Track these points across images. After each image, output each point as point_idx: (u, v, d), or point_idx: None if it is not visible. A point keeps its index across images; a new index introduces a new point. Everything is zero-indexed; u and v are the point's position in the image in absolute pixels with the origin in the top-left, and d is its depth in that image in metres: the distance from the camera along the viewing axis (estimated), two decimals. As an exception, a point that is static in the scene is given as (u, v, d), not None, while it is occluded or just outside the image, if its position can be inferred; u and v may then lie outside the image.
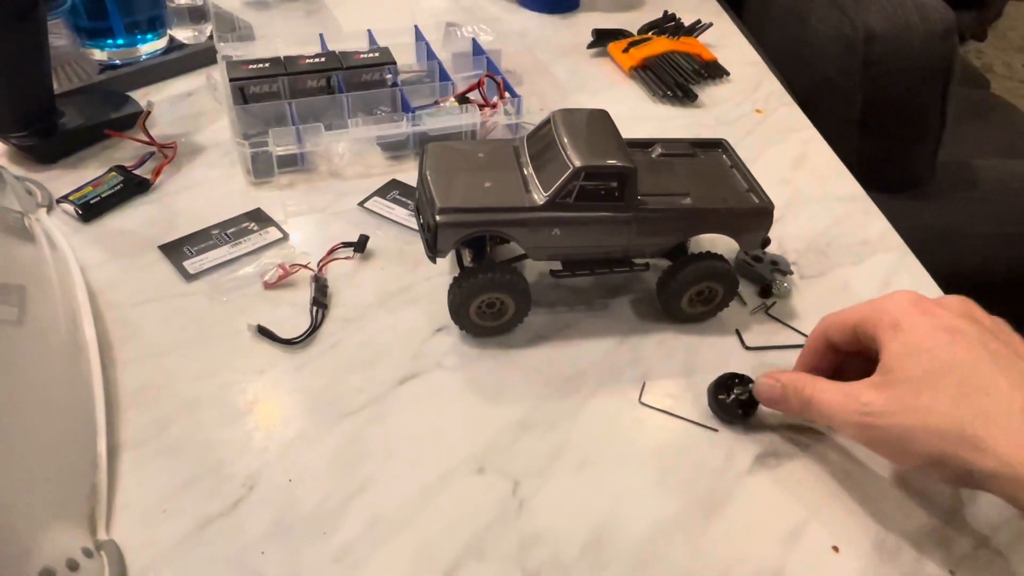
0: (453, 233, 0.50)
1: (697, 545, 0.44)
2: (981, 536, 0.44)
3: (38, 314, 0.49)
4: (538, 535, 0.44)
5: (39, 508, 0.40)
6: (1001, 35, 2.90)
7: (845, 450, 0.49)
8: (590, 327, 0.56)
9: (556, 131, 0.52)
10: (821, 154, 0.77)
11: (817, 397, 0.44)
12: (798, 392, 0.45)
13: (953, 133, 1.12)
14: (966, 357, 0.40)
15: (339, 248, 0.61)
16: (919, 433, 0.40)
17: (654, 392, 0.52)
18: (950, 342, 0.41)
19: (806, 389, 0.45)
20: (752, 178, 0.56)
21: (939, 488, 0.47)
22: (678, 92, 0.82)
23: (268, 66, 0.71)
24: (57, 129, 0.69)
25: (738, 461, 0.48)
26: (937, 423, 0.39)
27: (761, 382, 0.48)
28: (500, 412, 0.50)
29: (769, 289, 0.59)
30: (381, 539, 0.43)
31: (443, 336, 0.55)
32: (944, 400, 0.40)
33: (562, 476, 0.47)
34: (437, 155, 0.54)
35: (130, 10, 0.78)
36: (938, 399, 0.40)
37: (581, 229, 0.51)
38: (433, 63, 0.79)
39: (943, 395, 0.40)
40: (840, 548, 0.44)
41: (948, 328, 0.41)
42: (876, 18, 0.99)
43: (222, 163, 0.70)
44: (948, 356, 0.41)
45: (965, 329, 0.41)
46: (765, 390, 0.48)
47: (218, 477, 0.45)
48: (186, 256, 0.59)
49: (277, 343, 0.53)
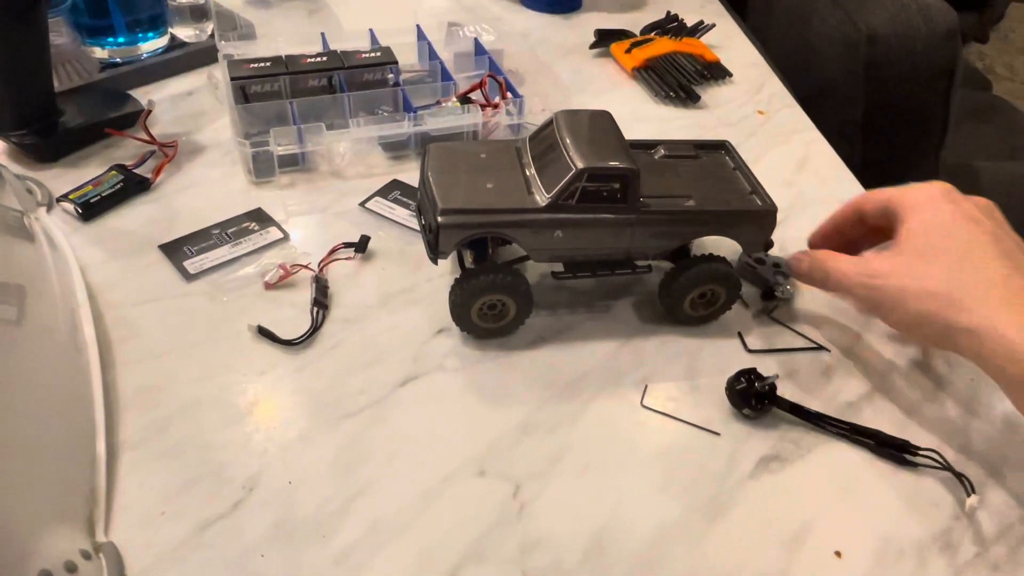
0: (455, 234, 0.50)
1: (699, 550, 0.43)
2: (984, 542, 0.44)
3: (37, 314, 0.49)
4: (539, 539, 0.43)
5: (37, 510, 0.39)
6: (1003, 37, 2.90)
7: (848, 454, 0.48)
8: (592, 329, 0.56)
9: (559, 132, 0.51)
10: (823, 156, 0.76)
11: (833, 266, 0.50)
12: (820, 263, 0.51)
13: (955, 135, 1.12)
14: (972, 240, 0.45)
15: (340, 248, 0.60)
16: (913, 293, 0.46)
17: (656, 395, 0.51)
18: (962, 227, 0.46)
19: (827, 262, 0.51)
20: (755, 180, 0.56)
21: (942, 494, 0.46)
22: (680, 93, 0.82)
23: (269, 65, 0.71)
24: (57, 127, 0.68)
25: (741, 465, 0.47)
26: (930, 286, 0.45)
27: (792, 256, 0.54)
28: (501, 415, 0.50)
29: (771, 292, 0.58)
30: (382, 542, 0.43)
31: (444, 338, 0.54)
32: (942, 269, 0.45)
33: (563, 479, 0.46)
34: (439, 156, 0.54)
35: (131, 8, 0.78)
36: (937, 267, 0.45)
37: (583, 231, 0.51)
38: (435, 63, 0.78)
39: (942, 265, 0.45)
40: (843, 553, 0.43)
41: (965, 215, 0.46)
42: (879, 20, 0.99)
43: (223, 162, 0.69)
44: (956, 236, 0.46)
45: (981, 219, 0.46)
46: (795, 264, 0.54)
47: (218, 479, 0.45)
48: (186, 256, 0.59)
49: (278, 344, 0.53)
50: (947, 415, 0.51)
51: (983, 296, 0.43)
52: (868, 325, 0.57)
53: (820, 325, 0.57)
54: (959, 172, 1.20)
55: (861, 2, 1.03)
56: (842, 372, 0.53)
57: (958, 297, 0.44)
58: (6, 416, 0.41)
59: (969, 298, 0.44)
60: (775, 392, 0.49)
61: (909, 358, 0.55)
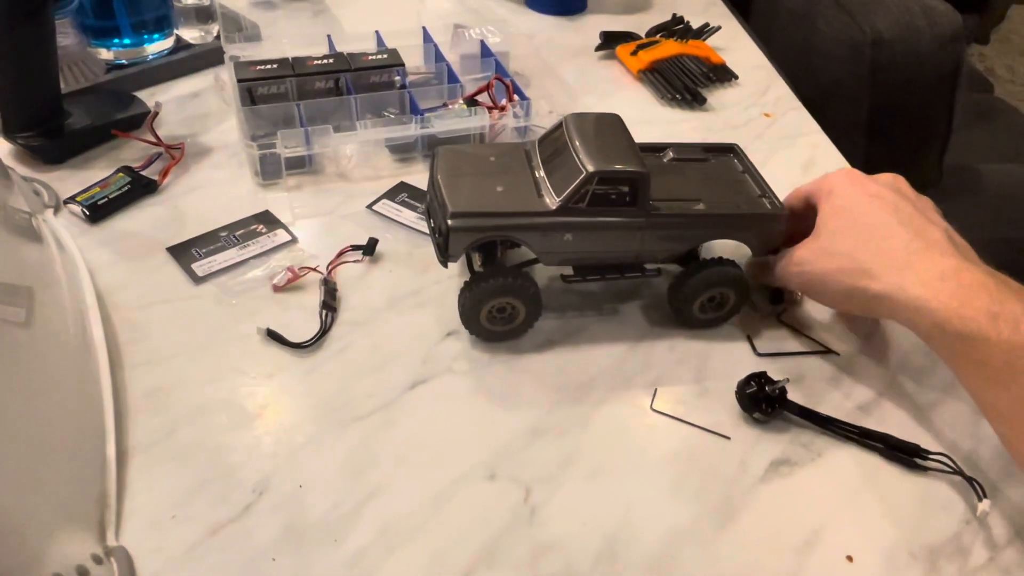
0: (465, 238, 0.50)
1: (711, 554, 0.43)
2: (995, 547, 0.44)
3: (46, 316, 0.49)
4: (550, 543, 0.43)
5: (48, 513, 0.39)
6: (1004, 38, 2.90)
7: (859, 458, 0.48)
8: (601, 333, 0.56)
9: (568, 135, 0.51)
10: (830, 158, 0.76)
11: (772, 266, 0.54)
12: (759, 265, 0.56)
13: (958, 137, 1.12)
14: (878, 215, 0.49)
15: (348, 251, 0.60)
16: (831, 272, 0.50)
17: (666, 398, 0.51)
18: (868, 204, 0.50)
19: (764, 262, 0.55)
20: (764, 183, 0.56)
21: (953, 498, 0.46)
22: (687, 95, 0.82)
23: (276, 67, 0.71)
24: (64, 129, 0.68)
25: (751, 469, 0.47)
26: (843, 263, 0.49)
27: (747, 263, 0.57)
28: (511, 418, 0.50)
29: (780, 295, 0.58)
30: (393, 546, 0.43)
31: (453, 340, 0.54)
32: (850, 246, 0.49)
33: (574, 483, 0.46)
34: (448, 159, 0.54)
35: (137, 10, 0.78)
36: (846, 245, 0.49)
37: (593, 234, 0.51)
38: (441, 65, 0.78)
39: (850, 243, 0.49)
40: (854, 558, 0.43)
41: (871, 194, 0.51)
42: (884, 22, 0.99)
43: (230, 164, 0.69)
44: (863, 214, 0.50)
45: (885, 195, 0.50)
46: (750, 267, 0.57)
47: (228, 482, 0.45)
48: (194, 258, 0.59)
49: (286, 347, 0.53)
50: (957, 419, 0.51)
51: (888, 263, 0.47)
52: (877, 328, 0.57)
53: (829, 328, 0.57)
54: (962, 174, 1.20)
55: (865, 5, 1.03)
56: (851, 376, 0.53)
57: (867, 268, 0.48)
58: (16, 418, 0.41)
59: (877, 267, 0.47)
60: (785, 396, 0.49)
61: (918, 361, 0.55)
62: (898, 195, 0.51)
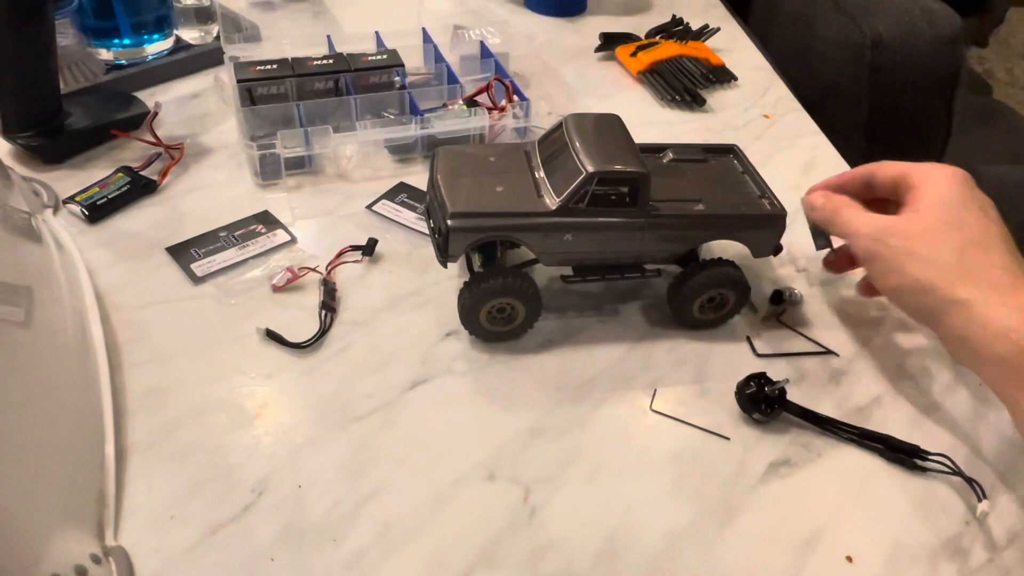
0: (465, 238, 0.50)
1: (711, 554, 0.43)
2: (995, 548, 0.44)
3: (45, 316, 0.49)
4: (550, 543, 0.43)
5: (47, 513, 0.39)
6: (1003, 41, 2.90)
7: (859, 459, 0.48)
8: (600, 333, 0.56)
9: (568, 136, 0.51)
10: (829, 159, 0.76)
11: (845, 212, 0.52)
12: (834, 204, 0.53)
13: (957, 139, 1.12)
14: (982, 226, 0.47)
15: (347, 251, 0.60)
16: (919, 257, 0.47)
17: (665, 399, 0.51)
18: (976, 212, 0.48)
19: (842, 206, 0.52)
20: (764, 184, 0.56)
21: (953, 499, 0.46)
22: (686, 96, 0.82)
23: (276, 67, 0.71)
24: (64, 129, 0.68)
25: (751, 469, 0.47)
26: (937, 255, 0.47)
27: (810, 192, 0.55)
28: (510, 418, 0.50)
29: (780, 296, 0.58)
30: (392, 546, 0.43)
31: (452, 341, 0.54)
32: (952, 243, 0.47)
33: (574, 484, 0.46)
34: (448, 159, 0.54)
35: (137, 10, 0.78)
36: (948, 240, 0.47)
37: (593, 235, 0.51)
38: (441, 66, 0.78)
39: (954, 240, 0.47)
40: (854, 558, 0.43)
41: (979, 203, 0.49)
42: (883, 24, 0.99)
43: (229, 165, 0.69)
44: (969, 218, 0.48)
45: (991, 212, 0.49)
46: (809, 199, 0.55)
47: (227, 482, 0.45)
48: (193, 258, 0.59)
49: (286, 347, 0.53)
50: (957, 420, 0.51)
51: (984, 274, 0.46)
52: (877, 329, 0.57)
53: (829, 329, 0.57)
54: (961, 176, 1.20)
55: (865, 7, 1.03)
56: (851, 376, 0.53)
57: (962, 271, 0.46)
58: (15, 418, 0.41)
59: (972, 274, 0.46)
60: (785, 396, 0.49)
61: (918, 362, 0.55)
62: (997, 214, 0.49)
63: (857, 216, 0.51)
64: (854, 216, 0.51)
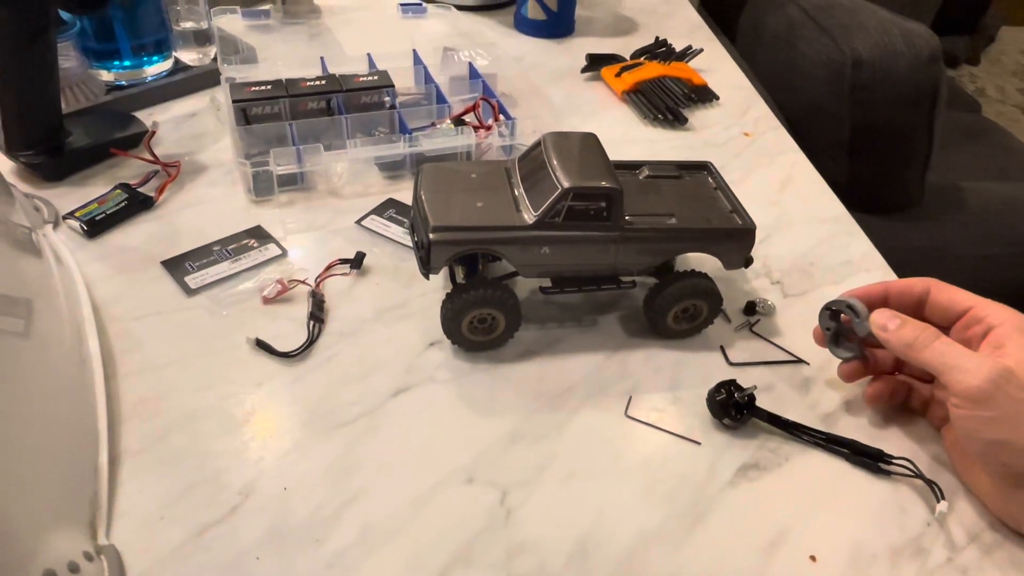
0: (446, 250, 0.52)
1: (679, 555, 0.45)
2: (954, 547, 0.46)
3: (44, 327, 0.51)
4: (525, 544, 0.45)
5: (43, 513, 0.41)
6: (995, 60, 2.94)
7: (825, 463, 0.50)
8: (579, 343, 0.58)
9: (546, 153, 0.54)
10: (807, 176, 0.79)
11: (942, 344, 0.46)
12: (919, 332, 0.47)
13: (944, 156, 1.15)
14: None
15: (336, 264, 0.62)
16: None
17: (640, 406, 0.53)
18: None
19: (932, 332, 0.47)
20: (735, 199, 0.58)
21: (915, 501, 0.48)
22: (669, 115, 0.84)
23: (270, 88, 0.74)
24: (64, 148, 0.71)
25: (721, 473, 0.49)
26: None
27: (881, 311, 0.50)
28: (490, 424, 0.51)
29: (753, 307, 0.60)
30: (373, 547, 0.44)
31: (436, 350, 0.56)
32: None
33: (549, 487, 0.48)
34: (432, 175, 0.56)
35: (137, 33, 0.81)
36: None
37: (570, 247, 0.53)
38: (431, 86, 0.81)
39: None
40: (817, 558, 0.45)
41: None
42: (863, 44, 1.02)
43: (224, 181, 0.72)
44: None
45: None
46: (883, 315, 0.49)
47: (215, 485, 0.47)
48: (188, 271, 0.61)
49: (275, 356, 0.55)
50: (921, 425, 0.53)
51: None
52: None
53: (800, 339, 0.59)
54: (947, 193, 1.22)
55: (846, 27, 1.06)
56: (820, 384, 0.55)
57: None
58: (14, 425, 0.43)
59: None
60: (754, 402, 0.51)
61: (886, 371, 0.56)
62: None
63: (962, 352, 0.45)
64: (959, 351, 0.45)
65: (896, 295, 0.52)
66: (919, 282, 0.51)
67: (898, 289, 0.52)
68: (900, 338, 0.48)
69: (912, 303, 0.51)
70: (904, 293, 0.52)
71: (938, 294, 0.50)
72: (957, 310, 0.49)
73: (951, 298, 0.50)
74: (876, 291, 0.52)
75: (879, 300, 0.52)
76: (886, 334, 0.49)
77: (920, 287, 0.51)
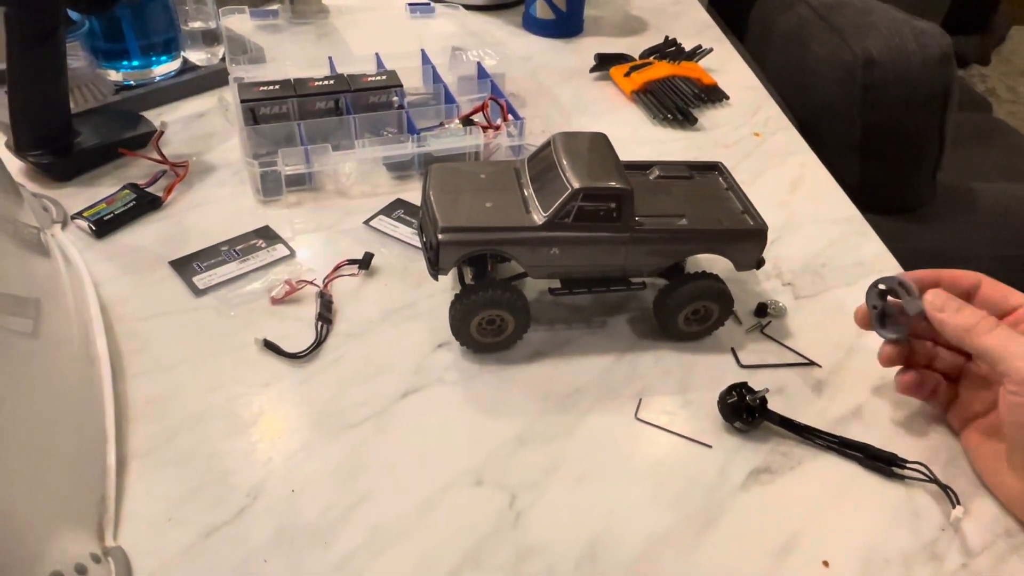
0: (455, 251, 0.52)
1: (690, 559, 0.44)
2: (970, 553, 0.45)
3: (52, 327, 0.51)
4: (534, 547, 0.45)
5: (50, 514, 0.41)
6: (1005, 59, 2.92)
7: (837, 467, 0.49)
8: (588, 344, 0.57)
9: (556, 153, 0.53)
10: (818, 176, 0.78)
11: (1002, 331, 0.45)
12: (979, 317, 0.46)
13: (954, 157, 1.14)
14: None
15: (344, 265, 0.62)
16: None
17: (650, 408, 0.53)
18: None
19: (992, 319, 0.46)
20: (747, 200, 0.58)
21: (929, 506, 0.47)
22: (678, 115, 0.84)
23: (278, 88, 0.73)
24: (73, 148, 0.71)
25: (732, 476, 0.49)
26: None
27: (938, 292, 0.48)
28: (499, 426, 0.51)
29: (764, 309, 0.60)
30: (381, 548, 0.44)
31: (444, 352, 0.56)
32: None
33: (558, 489, 0.48)
34: (441, 176, 0.56)
35: (145, 33, 0.81)
36: None
37: (579, 248, 0.53)
38: (439, 86, 0.81)
39: None
40: (830, 563, 0.44)
41: None
42: (875, 44, 1.01)
43: (232, 182, 0.72)
44: None
45: None
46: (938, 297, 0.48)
47: (223, 487, 0.47)
48: (195, 272, 0.61)
49: (282, 357, 0.55)
50: (935, 429, 0.52)
51: None
52: (858, 342, 0.58)
53: (811, 341, 0.58)
54: (958, 193, 1.21)
55: (857, 27, 1.05)
56: (832, 387, 0.55)
57: None
58: (21, 424, 0.42)
59: None
60: (766, 405, 0.51)
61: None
62: None
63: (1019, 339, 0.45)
64: (1021, 340, 0.45)
65: (947, 283, 0.51)
66: (969, 275, 0.51)
67: (948, 278, 0.51)
68: (959, 322, 0.46)
69: (960, 295, 0.50)
70: (954, 283, 0.51)
71: (989, 288, 0.50)
72: (1008, 306, 0.49)
73: (1003, 293, 0.49)
74: (927, 276, 0.51)
75: (930, 285, 0.51)
76: (943, 315, 0.47)
77: (971, 280, 0.50)
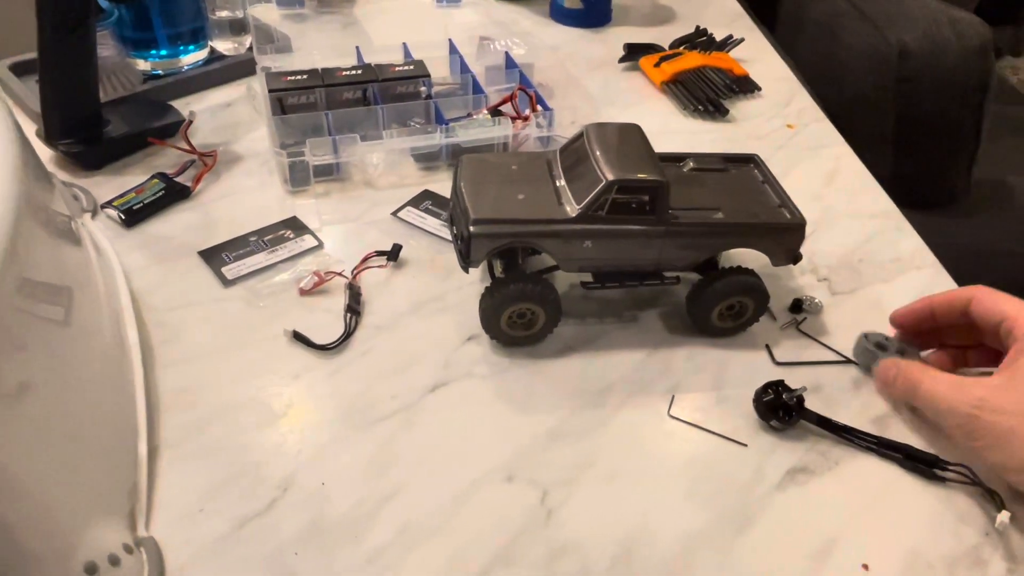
0: (486, 244, 0.51)
1: (726, 560, 0.44)
2: (1015, 558, 0.44)
3: (84, 316, 0.51)
4: (567, 545, 0.44)
5: (83, 505, 0.41)
6: (1038, 51, 2.85)
7: (877, 468, 0.48)
8: (619, 339, 0.56)
9: (589, 145, 0.52)
10: (853, 169, 0.76)
11: (928, 384, 0.47)
12: (907, 376, 0.49)
13: (988, 150, 1.11)
14: None
15: (373, 256, 0.62)
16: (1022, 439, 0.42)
17: (683, 405, 0.52)
18: None
19: (920, 376, 0.48)
20: (784, 193, 0.56)
21: (972, 510, 0.46)
22: (709, 107, 0.82)
23: (306, 78, 0.73)
24: (102, 137, 0.71)
25: (768, 476, 0.48)
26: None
27: (881, 363, 0.51)
28: (529, 421, 0.50)
29: (800, 305, 0.58)
30: (412, 544, 0.44)
31: (473, 345, 0.55)
32: None
33: (591, 487, 0.47)
34: (471, 167, 0.55)
35: (173, 22, 0.81)
36: None
37: (612, 242, 0.52)
38: (466, 76, 0.80)
39: None
40: (870, 566, 0.43)
41: None
42: (910, 34, 0.99)
43: (260, 172, 0.71)
44: None
45: None
46: (881, 370, 0.51)
47: (254, 478, 0.46)
48: (224, 262, 0.61)
49: (312, 348, 0.54)
50: (977, 431, 0.51)
51: None
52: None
53: (848, 338, 0.57)
54: (992, 187, 1.18)
55: (891, 16, 1.03)
56: (870, 386, 0.53)
57: None
58: (54, 413, 0.42)
59: None
60: (803, 404, 0.49)
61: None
62: None
63: (940, 387, 0.46)
64: (937, 388, 0.46)
65: (941, 307, 0.51)
66: (963, 293, 0.51)
67: (942, 302, 0.51)
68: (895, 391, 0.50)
69: (957, 315, 0.51)
70: (949, 305, 0.51)
71: (977, 305, 0.49)
72: (994, 320, 0.48)
73: (988, 309, 0.49)
74: (921, 308, 0.52)
75: (925, 315, 0.52)
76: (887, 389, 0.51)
77: (963, 298, 0.50)
